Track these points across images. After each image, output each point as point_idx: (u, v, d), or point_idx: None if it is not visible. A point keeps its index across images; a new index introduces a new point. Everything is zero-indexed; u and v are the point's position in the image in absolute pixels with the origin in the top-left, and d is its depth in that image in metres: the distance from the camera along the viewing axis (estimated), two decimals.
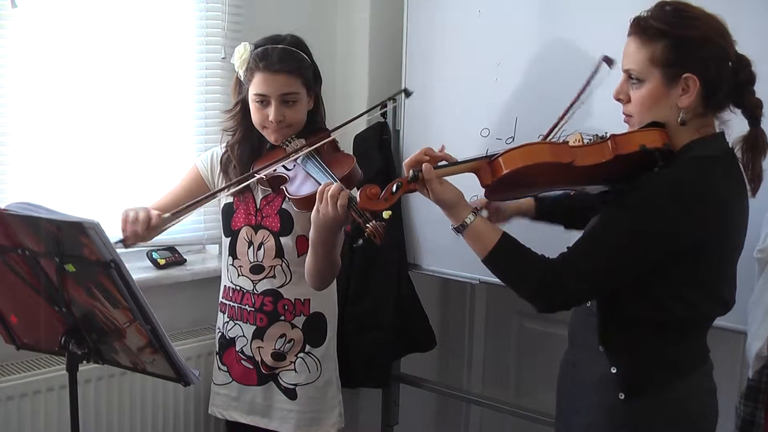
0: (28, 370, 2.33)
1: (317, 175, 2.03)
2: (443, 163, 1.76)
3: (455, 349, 3.51)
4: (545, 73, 2.55)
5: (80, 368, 1.78)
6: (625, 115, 1.74)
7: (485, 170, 1.73)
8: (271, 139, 2.19)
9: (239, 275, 2.28)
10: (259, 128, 2.19)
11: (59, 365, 2.26)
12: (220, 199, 2.30)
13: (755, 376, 2.10)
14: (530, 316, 3.18)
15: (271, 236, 2.23)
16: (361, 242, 1.80)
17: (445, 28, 2.78)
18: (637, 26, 1.67)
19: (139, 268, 2.61)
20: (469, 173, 1.76)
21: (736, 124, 1.72)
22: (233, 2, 2.72)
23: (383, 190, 1.72)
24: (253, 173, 2.14)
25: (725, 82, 1.65)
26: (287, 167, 2.11)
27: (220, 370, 2.37)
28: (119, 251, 1.63)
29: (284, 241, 2.22)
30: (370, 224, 1.78)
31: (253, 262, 2.25)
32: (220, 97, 2.70)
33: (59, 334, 1.75)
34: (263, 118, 2.15)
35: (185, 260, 2.75)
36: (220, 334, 2.37)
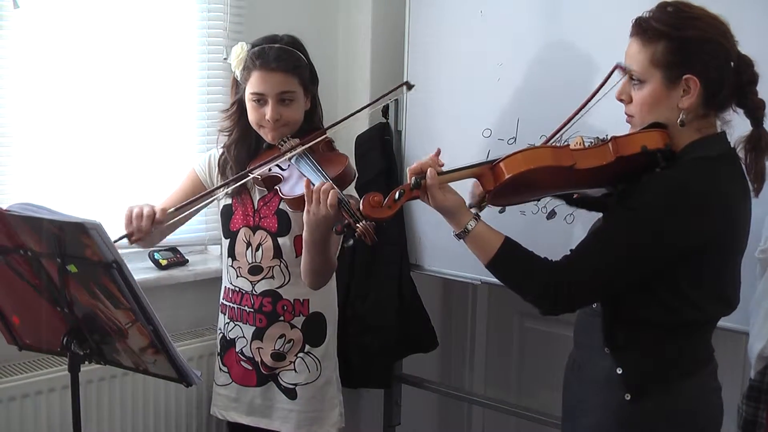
0: (30, 370, 2.33)
1: (310, 174, 2.03)
2: (445, 169, 1.76)
3: (457, 349, 3.51)
4: (547, 73, 2.54)
5: (82, 369, 1.79)
6: (627, 115, 1.74)
7: (487, 175, 1.73)
8: (267, 138, 2.19)
9: (238, 276, 2.28)
10: (255, 127, 2.19)
11: (61, 366, 2.25)
12: (219, 200, 2.30)
13: (757, 376, 2.09)
14: (532, 316, 3.18)
15: (268, 237, 2.23)
16: (351, 242, 1.80)
17: (446, 28, 2.77)
18: (638, 27, 1.67)
19: (141, 268, 2.61)
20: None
21: (738, 124, 1.72)
22: (235, 3, 2.72)
23: (386, 197, 1.72)
24: (247, 172, 2.14)
25: (727, 82, 1.64)
26: (282, 167, 2.11)
27: (221, 371, 2.37)
28: (121, 251, 1.63)
29: (282, 241, 2.22)
30: (360, 224, 1.78)
31: (251, 263, 2.25)
32: (221, 98, 2.69)
33: (61, 334, 1.75)
34: (260, 117, 2.15)
35: (187, 261, 2.75)
36: (221, 335, 2.37)
